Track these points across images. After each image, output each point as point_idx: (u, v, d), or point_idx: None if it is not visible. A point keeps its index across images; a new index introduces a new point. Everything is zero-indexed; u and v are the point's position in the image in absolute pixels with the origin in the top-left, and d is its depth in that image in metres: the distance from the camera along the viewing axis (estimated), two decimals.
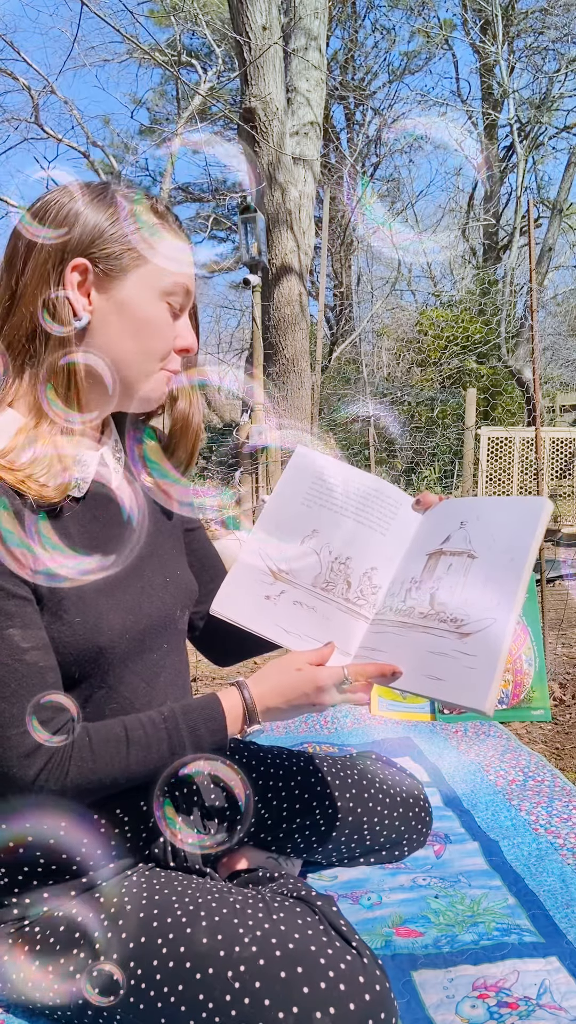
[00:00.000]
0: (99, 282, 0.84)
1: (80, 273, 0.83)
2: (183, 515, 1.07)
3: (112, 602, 0.86)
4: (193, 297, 0.92)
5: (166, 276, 0.86)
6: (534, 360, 2.44)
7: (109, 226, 0.84)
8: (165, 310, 0.88)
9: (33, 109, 7.94)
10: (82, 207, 0.83)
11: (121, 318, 0.85)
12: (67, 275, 0.82)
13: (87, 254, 0.83)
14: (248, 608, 0.97)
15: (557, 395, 9.65)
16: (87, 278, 0.83)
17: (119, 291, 0.85)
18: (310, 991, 0.74)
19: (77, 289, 0.83)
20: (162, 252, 0.86)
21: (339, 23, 10.50)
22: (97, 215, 0.84)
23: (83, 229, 0.83)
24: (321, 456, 1.04)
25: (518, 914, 1.08)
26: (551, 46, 7.92)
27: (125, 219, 0.84)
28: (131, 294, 0.85)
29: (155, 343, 0.87)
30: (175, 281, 0.87)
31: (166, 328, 0.88)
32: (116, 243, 0.84)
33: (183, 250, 0.89)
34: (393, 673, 0.88)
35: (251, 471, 5.11)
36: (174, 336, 0.90)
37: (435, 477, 7.63)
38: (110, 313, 0.85)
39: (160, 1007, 0.78)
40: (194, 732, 0.85)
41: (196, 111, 8.69)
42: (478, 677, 0.82)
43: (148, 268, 0.86)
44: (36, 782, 0.78)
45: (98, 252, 0.83)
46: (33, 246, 0.83)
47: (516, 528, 0.90)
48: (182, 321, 0.91)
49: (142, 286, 0.85)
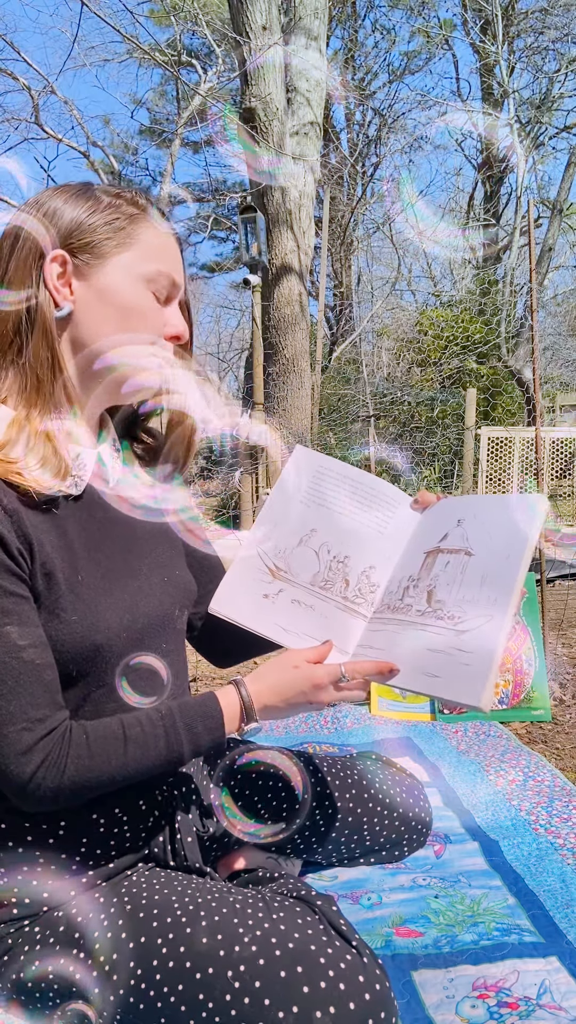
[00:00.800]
0: (79, 272, 0.86)
1: (60, 264, 0.85)
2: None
3: (110, 601, 0.87)
4: (181, 288, 0.92)
5: (147, 263, 0.87)
6: (534, 360, 2.44)
7: (87, 217, 0.86)
8: (150, 297, 0.88)
9: (33, 109, 7.94)
10: (61, 203, 0.86)
11: (103, 305, 0.86)
12: (47, 267, 0.84)
13: (66, 245, 0.85)
14: (247, 607, 0.97)
15: (557, 395, 9.65)
16: (67, 269, 0.85)
17: (100, 279, 0.86)
18: (310, 990, 0.74)
19: (57, 280, 0.84)
20: (142, 241, 0.88)
21: (339, 23, 10.50)
22: (75, 209, 0.86)
23: (61, 222, 0.85)
24: (320, 455, 1.05)
25: (518, 914, 1.08)
26: (551, 46, 7.92)
27: (103, 210, 0.86)
28: (111, 281, 0.86)
29: (140, 326, 0.88)
30: (157, 268, 0.88)
31: (152, 313, 0.89)
32: (93, 233, 0.85)
33: (165, 240, 0.90)
34: (390, 671, 0.88)
35: (251, 471, 5.11)
36: (163, 322, 0.90)
37: (435, 477, 7.64)
38: (92, 301, 0.86)
39: (160, 1007, 0.78)
40: (191, 730, 0.85)
41: (196, 111, 8.69)
42: (474, 674, 0.82)
43: (127, 255, 0.87)
44: (33, 779, 0.78)
45: (76, 243, 0.85)
46: (16, 243, 0.85)
47: (513, 526, 0.90)
48: (171, 309, 0.91)
49: (123, 273, 0.86)
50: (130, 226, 0.87)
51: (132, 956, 0.80)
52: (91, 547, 0.87)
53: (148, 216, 0.89)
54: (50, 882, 0.88)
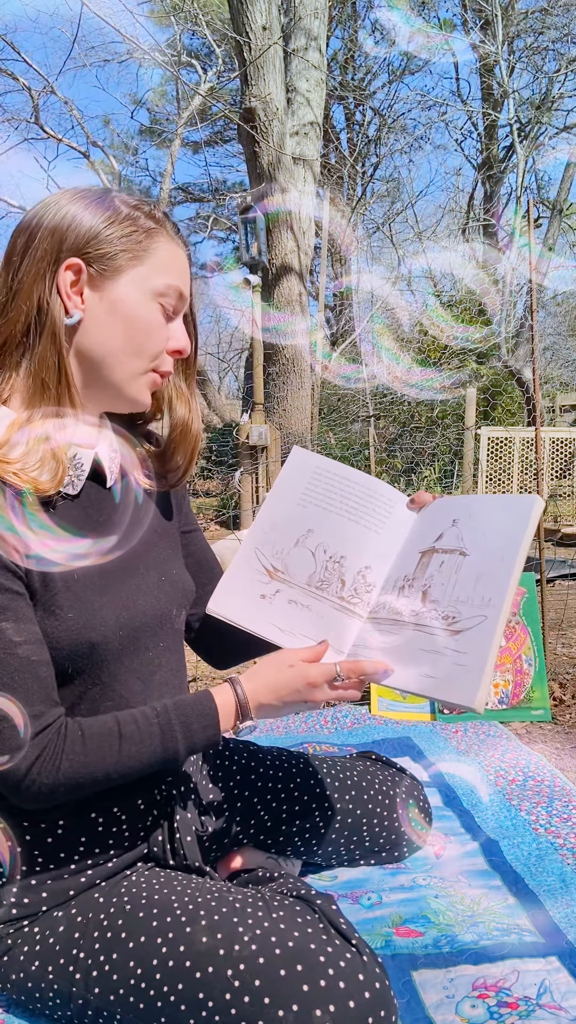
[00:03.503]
0: (92, 281, 0.85)
1: (74, 272, 0.84)
2: (180, 517, 1.08)
3: (105, 598, 0.87)
4: (188, 301, 0.92)
5: (159, 278, 0.88)
6: (534, 360, 2.44)
7: (104, 228, 0.85)
8: (157, 311, 0.88)
9: (33, 109, 7.94)
10: (79, 209, 0.85)
11: (113, 317, 0.86)
12: (60, 274, 0.83)
13: (82, 254, 0.84)
14: (244, 607, 0.98)
15: (557, 395, 9.65)
16: (80, 277, 0.85)
17: (112, 291, 0.86)
18: (310, 989, 0.74)
19: (70, 288, 0.84)
20: (156, 255, 0.88)
21: (339, 23, 10.49)
22: (93, 217, 0.85)
23: (79, 230, 0.84)
24: (317, 456, 1.05)
25: (518, 914, 1.08)
26: (551, 46, 7.92)
27: (121, 222, 0.86)
28: (123, 294, 0.86)
29: (146, 342, 0.88)
30: (168, 283, 0.88)
31: (158, 328, 0.89)
32: (110, 244, 0.85)
33: (178, 254, 0.90)
34: (385, 670, 0.88)
35: (251, 471, 5.11)
36: (167, 337, 0.90)
37: (435, 477, 7.63)
38: (102, 312, 0.86)
39: (160, 1006, 0.78)
40: (187, 727, 0.85)
41: (196, 111, 8.69)
42: (469, 674, 0.82)
43: (141, 269, 0.87)
44: (28, 776, 0.78)
45: (93, 252, 0.84)
46: (30, 245, 0.84)
47: (508, 525, 0.90)
48: (176, 323, 0.92)
49: (135, 287, 0.86)
50: (146, 240, 0.87)
51: (132, 956, 0.80)
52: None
53: (164, 230, 0.89)
54: (49, 882, 0.89)
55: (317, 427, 6.97)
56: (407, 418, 8.77)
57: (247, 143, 5.99)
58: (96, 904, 0.86)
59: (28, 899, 0.88)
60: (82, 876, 0.89)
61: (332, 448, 7.31)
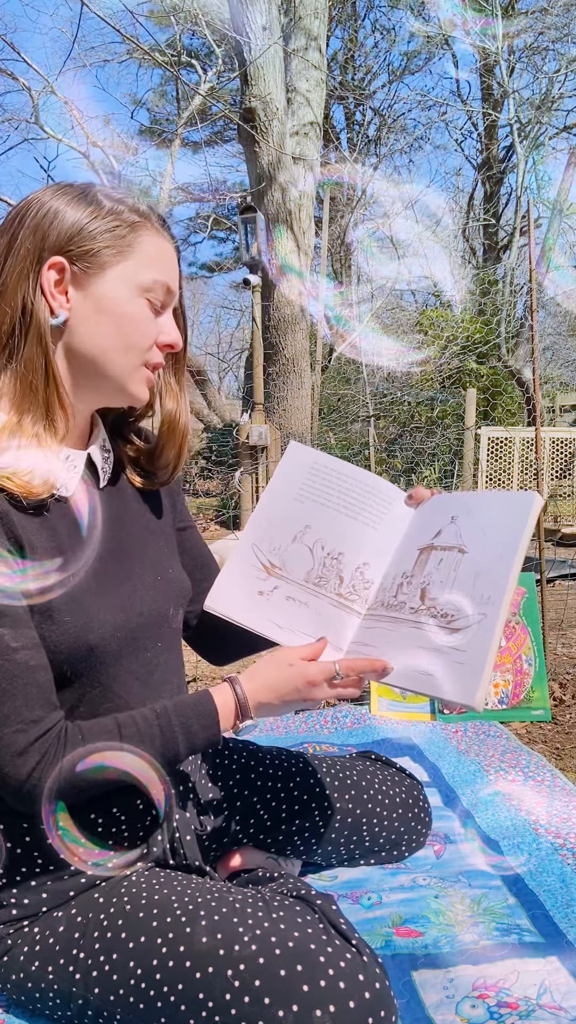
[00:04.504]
0: (77, 280, 0.84)
1: (58, 271, 0.83)
2: (174, 514, 1.07)
3: (102, 601, 0.87)
4: (176, 296, 0.92)
5: (145, 273, 0.86)
6: (534, 360, 2.44)
7: (88, 223, 0.84)
8: (145, 306, 0.87)
9: (33, 109, 7.94)
10: (61, 206, 0.84)
11: (99, 314, 0.85)
12: (44, 274, 0.82)
13: (64, 252, 0.83)
14: (241, 604, 0.97)
15: (557, 395, 9.64)
16: (64, 276, 0.84)
17: (97, 288, 0.85)
18: (310, 989, 0.74)
19: (54, 287, 0.83)
20: (142, 249, 0.86)
21: (339, 23, 10.49)
22: (76, 213, 0.84)
23: (61, 227, 0.83)
24: (314, 452, 1.04)
25: (518, 914, 1.08)
26: (551, 46, 7.92)
27: (104, 216, 0.85)
28: (109, 290, 0.85)
29: (135, 338, 0.87)
30: (154, 278, 0.87)
31: (146, 323, 0.88)
32: (94, 240, 0.84)
33: (164, 247, 0.89)
34: (384, 668, 0.88)
35: (251, 471, 5.11)
36: (156, 332, 0.89)
37: (435, 477, 7.63)
38: (88, 310, 0.85)
39: (160, 1006, 0.78)
40: (187, 728, 0.85)
41: (196, 111, 8.69)
42: (468, 672, 0.82)
43: (126, 265, 0.86)
44: (30, 779, 0.78)
45: (76, 250, 0.83)
46: (13, 244, 0.83)
47: (506, 522, 0.90)
48: (165, 317, 0.91)
49: (120, 283, 0.85)
50: (131, 234, 0.86)
51: (132, 956, 0.80)
52: (80, 547, 0.87)
53: (149, 223, 0.88)
54: (49, 882, 0.89)
55: (317, 427, 6.97)
56: (407, 418, 8.77)
57: (247, 143, 6.00)
58: (96, 904, 0.86)
59: (28, 899, 0.88)
60: (82, 876, 0.89)
61: (332, 448, 7.30)
